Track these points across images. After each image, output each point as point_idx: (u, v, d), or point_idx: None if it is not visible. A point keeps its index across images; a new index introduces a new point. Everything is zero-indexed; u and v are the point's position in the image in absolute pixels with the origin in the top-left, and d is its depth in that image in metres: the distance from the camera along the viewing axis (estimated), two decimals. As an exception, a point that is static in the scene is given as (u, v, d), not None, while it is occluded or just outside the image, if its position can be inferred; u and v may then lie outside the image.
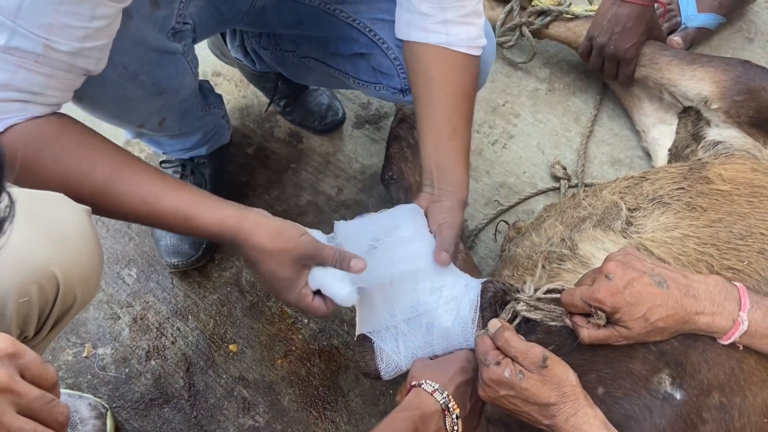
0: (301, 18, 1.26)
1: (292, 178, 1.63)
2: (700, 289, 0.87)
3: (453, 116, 1.11)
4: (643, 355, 0.89)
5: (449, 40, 1.10)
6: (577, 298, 0.90)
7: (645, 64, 1.53)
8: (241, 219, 0.96)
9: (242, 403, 1.36)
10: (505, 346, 0.89)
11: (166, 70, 1.10)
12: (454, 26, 1.10)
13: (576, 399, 0.85)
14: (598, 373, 0.91)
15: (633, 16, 1.51)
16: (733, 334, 0.87)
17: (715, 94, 1.34)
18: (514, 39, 1.74)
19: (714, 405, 0.87)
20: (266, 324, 1.44)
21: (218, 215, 0.95)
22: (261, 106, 1.73)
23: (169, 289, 1.49)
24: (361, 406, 1.36)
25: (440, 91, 1.11)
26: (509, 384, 0.87)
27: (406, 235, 1.10)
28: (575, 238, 1.08)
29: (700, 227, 1.03)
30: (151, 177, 0.95)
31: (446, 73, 1.12)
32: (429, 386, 0.92)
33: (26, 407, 0.58)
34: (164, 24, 1.05)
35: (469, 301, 1.03)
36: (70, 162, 0.90)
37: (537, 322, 0.98)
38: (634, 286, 0.86)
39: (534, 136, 1.69)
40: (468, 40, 1.12)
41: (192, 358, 1.41)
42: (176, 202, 0.94)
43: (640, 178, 1.18)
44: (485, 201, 1.59)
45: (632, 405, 0.88)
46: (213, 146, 1.46)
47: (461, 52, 1.11)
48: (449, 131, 1.11)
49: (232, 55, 1.52)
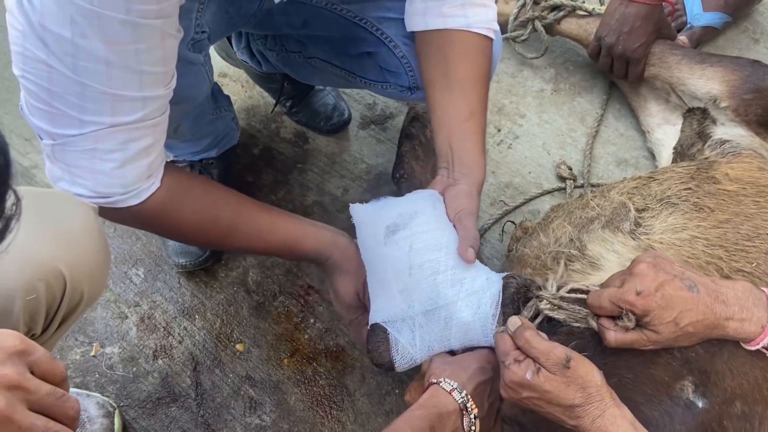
0: (308, 19, 1.26)
1: (298, 178, 1.63)
2: (729, 295, 0.85)
3: (471, 98, 1.10)
4: (666, 361, 0.88)
5: (468, 23, 1.10)
6: (606, 300, 0.87)
7: (654, 63, 1.53)
8: (335, 237, 1.13)
9: (249, 402, 1.37)
10: (526, 346, 0.86)
11: (186, 80, 1.10)
12: (472, 8, 1.10)
13: (602, 399, 0.82)
14: (619, 378, 0.89)
15: (640, 16, 1.52)
16: (761, 340, 0.85)
17: (724, 92, 1.34)
18: (526, 33, 1.74)
19: (736, 414, 0.85)
20: (273, 323, 1.45)
21: (319, 241, 1.12)
22: (267, 107, 1.74)
23: (176, 288, 1.49)
24: (368, 405, 1.36)
25: (458, 73, 1.11)
26: (531, 386, 0.84)
27: (426, 223, 1.05)
28: (584, 239, 1.07)
29: (708, 228, 1.03)
30: (262, 213, 1.10)
31: (465, 56, 1.11)
32: (448, 385, 0.91)
33: (37, 403, 0.59)
34: (185, 35, 1.06)
35: (491, 295, 0.99)
36: (203, 212, 1.03)
37: (560, 322, 0.94)
38: (665, 289, 0.84)
39: (539, 136, 1.69)
40: (486, 21, 1.11)
41: (199, 358, 1.41)
42: (285, 234, 1.10)
43: (648, 178, 1.18)
44: (491, 201, 1.59)
45: (653, 411, 0.86)
46: (223, 148, 1.47)
47: (480, 34, 1.11)
48: (467, 113, 1.10)
49: (238, 57, 1.53)
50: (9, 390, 0.56)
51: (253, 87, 1.75)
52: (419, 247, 1.02)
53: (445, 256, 1.02)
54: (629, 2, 1.52)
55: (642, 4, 1.51)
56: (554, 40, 1.77)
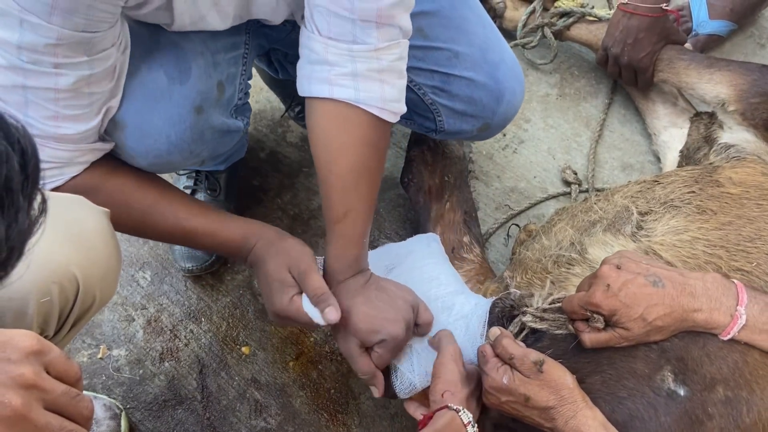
0: None
1: (304, 182, 1.64)
2: (698, 287, 0.88)
3: (349, 197, 0.98)
4: (645, 354, 0.90)
5: (358, 97, 0.94)
6: (576, 305, 0.92)
7: (663, 69, 1.54)
8: (263, 227, 1.06)
9: (254, 405, 1.37)
10: (502, 353, 0.93)
11: (224, 141, 1.14)
12: (366, 81, 0.94)
13: (574, 401, 0.86)
14: (602, 375, 0.92)
15: (643, 28, 1.52)
16: (731, 329, 0.87)
17: (732, 96, 1.35)
18: (536, 40, 1.75)
19: (719, 400, 0.87)
20: (278, 327, 1.46)
21: (241, 228, 1.05)
22: (273, 111, 1.75)
23: (183, 291, 1.51)
24: (372, 409, 1.37)
25: (337, 167, 0.97)
26: (508, 390, 0.90)
27: (420, 259, 1.14)
28: (585, 242, 1.08)
29: (710, 230, 1.03)
30: (182, 204, 1.05)
31: (349, 141, 0.96)
32: (466, 417, 0.91)
33: (52, 402, 0.59)
34: (228, 105, 1.08)
35: (478, 317, 1.07)
36: (116, 196, 1.00)
37: (543, 331, 1.00)
38: (628, 288, 0.87)
39: (545, 140, 1.70)
40: (381, 101, 0.95)
41: (205, 360, 1.42)
42: (204, 222, 1.04)
43: (653, 181, 1.19)
44: (496, 205, 1.60)
45: (636, 404, 0.88)
46: (230, 162, 1.49)
47: (371, 114, 0.95)
48: (340, 213, 0.99)
49: (256, 62, 1.53)
50: (25, 389, 0.57)
51: (260, 92, 1.76)
52: (414, 281, 1.10)
53: (436, 288, 1.11)
54: (632, 14, 1.52)
55: (644, 16, 1.51)
56: (560, 44, 1.77)
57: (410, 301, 1.04)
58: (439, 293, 1.10)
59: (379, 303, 1.01)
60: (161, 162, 1.04)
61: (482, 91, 1.17)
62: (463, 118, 1.21)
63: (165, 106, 1.00)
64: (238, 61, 1.09)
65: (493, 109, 1.20)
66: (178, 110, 1.01)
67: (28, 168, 0.48)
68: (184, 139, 1.03)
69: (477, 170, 1.65)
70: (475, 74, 1.16)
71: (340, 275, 1.03)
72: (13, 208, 0.46)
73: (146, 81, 0.99)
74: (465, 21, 1.16)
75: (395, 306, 1.02)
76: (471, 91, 1.17)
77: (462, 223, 1.41)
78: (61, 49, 0.83)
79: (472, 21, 1.17)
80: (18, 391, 0.57)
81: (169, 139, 1.02)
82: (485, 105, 1.19)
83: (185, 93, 1.01)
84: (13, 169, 0.46)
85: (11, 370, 0.58)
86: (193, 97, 1.02)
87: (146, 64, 1.00)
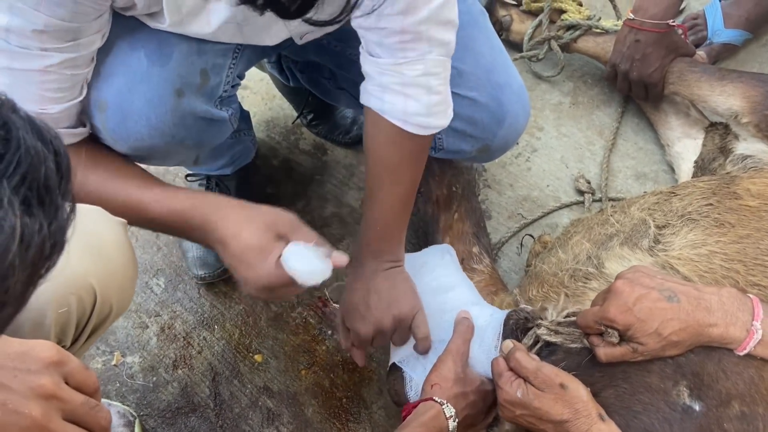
0: (341, 63, 1.26)
1: (317, 189, 1.65)
2: (713, 301, 0.88)
3: (376, 185, 1.07)
4: (660, 369, 0.90)
5: (383, 108, 1.01)
6: (590, 319, 0.92)
7: (674, 82, 1.53)
8: (220, 197, 0.98)
9: (266, 413, 1.38)
10: (516, 366, 0.93)
11: (211, 132, 1.13)
12: (391, 94, 0.99)
13: (588, 415, 0.86)
14: (617, 389, 0.92)
15: (650, 43, 1.50)
16: (747, 344, 0.86)
17: (745, 108, 1.34)
18: (543, 53, 1.74)
19: (735, 415, 0.86)
20: (290, 335, 1.46)
21: (195, 195, 0.99)
22: (286, 119, 1.76)
23: (196, 299, 1.51)
24: (384, 418, 1.36)
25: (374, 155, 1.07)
26: (522, 404, 0.90)
27: (434, 271, 1.15)
28: (602, 257, 1.08)
29: (728, 243, 1.02)
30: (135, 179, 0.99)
31: (386, 145, 1.04)
32: (449, 411, 0.96)
33: (71, 413, 0.60)
34: (212, 94, 1.07)
35: (493, 329, 1.07)
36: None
37: (557, 345, 1.00)
38: (643, 303, 0.87)
39: (558, 149, 1.69)
40: (403, 113, 1.00)
41: (218, 368, 1.42)
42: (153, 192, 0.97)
43: (670, 193, 1.18)
44: (508, 214, 1.60)
45: (651, 419, 0.88)
46: (237, 166, 1.49)
47: (393, 124, 1.01)
48: (366, 196, 1.10)
49: (268, 69, 1.54)
50: (45, 399, 0.58)
51: (273, 99, 1.77)
52: (427, 292, 1.12)
53: (451, 299, 1.12)
54: (638, 30, 1.51)
55: (651, 31, 1.50)
56: (570, 54, 1.77)
57: (400, 314, 1.07)
58: (454, 304, 1.11)
59: (368, 296, 1.08)
60: (143, 146, 1.03)
61: (484, 112, 1.16)
62: (462, 138, 1.19)
63: (145, 87, 1.00)
64: (227, 54, 1.08)
65: (493, 132, 1.18)
66: (158, 92, 1.00)
67: (62, 167, 0.49)
68: (165, 122, 1.01)
69: (490, 179, 1.65)
70: (478, 94, 1.15)
71: (359, 254, 1.10)
72: (52, 206, 0.48)
73: (128, 62, 0.99)
74: (473, 41, 1.15)
75: (379, 308, 1.08)
76: (472, 111, 1.15)
77: (471, 233, 1.41)
78: (47, 36, 0.86)
79: (479, 41, 1.17)
80: (38, 401, 0.58)
81: (149, 121, 1.00)
82: (486, 126, 1.18)
83: (165, 75, 1.00)
84: (49, 168, 0.48)
85: (31, 381, 0.59)
86: (173, 80, 1.00)
87: (129, 44, 0.99)
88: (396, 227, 1.10)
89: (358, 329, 1.11)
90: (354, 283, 1.12)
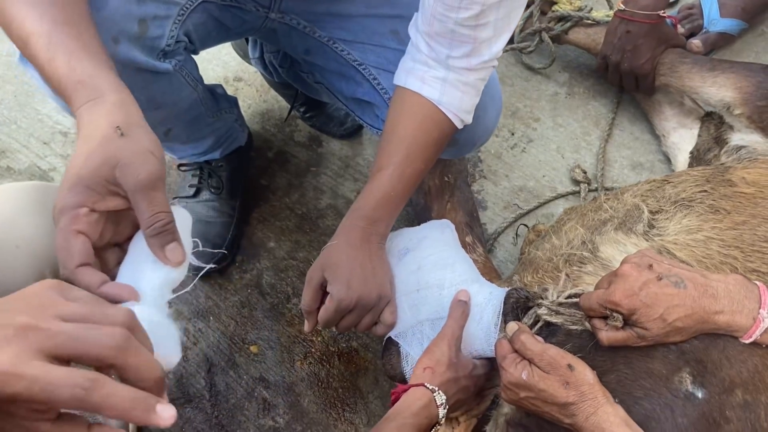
0: (309, 48, 1.25)
1: (312, 181, 1.64)
2: (720, 288, 0.87)
3: (394, 157, 1.09)
4: (663, 355, 0.89)
5: (441, 99, 1.07)
6: (594, 302, 0.91)
7: (665, 73, 1.52)
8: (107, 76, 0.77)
9: (263, 403, 1.37)
10: (521, 348, 0.91)
11: (159, 86, 1.10)
12: (451, 88, 1.07)
13: (595, 398, 0.85)
14: (618, 374, 0.91)
15: (641, 34, 1.50)
16: (754, 332, 0.86)
17: (737, 99, 1.33)
18: (533, 44, 1.74)
19: (738, 403, 0.85)
20: (286, 326, 1.45)
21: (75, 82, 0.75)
22: (281, 111, 1.75)
23: (191, 290, 1.51)
24: (380, 408, 1.36)
25: (401, 127, 1.09)
26: (527, 386, 0.88)
27: (433, 246, 1.13)
28: (596, 241, 1.07)
29: (724, 230, 1.02)
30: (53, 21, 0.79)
31: (420, 122, 1.08)
32: (440, 398, 0.95)
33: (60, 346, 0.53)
34: (153, 46, 1.04)
35: (493, 307, 1.05)
36: None
37: (558, 325, 0.98)
38: (650, 287, 0.86)
39: (554, 139, 1.69)
40: (458, 108, 1.08)
41: (213, 359, 1.42)
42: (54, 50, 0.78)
43: (663, 181, 1.17)
44: (504, 204, 1.59)
45: (653, 405, 0.87)
46: (227, 150, 1.48)
47: (445, 115, 1.08)
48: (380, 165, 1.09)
49: (253, 64, 1.54)
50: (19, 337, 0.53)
51: (268, 91, 1.77)
52: (427, 266, 1.10)
53: (450, 274, 1.10)
54: (629, 21, 1.50)
55: (642, 23, 1.49)
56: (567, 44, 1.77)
57: (381, 295, 1.06)
58: (453, 280, 1.09)
59: (355, 265, 1.04)
60: None
61: None
62: None
63: None
64: (172, 8, 1.04)
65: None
66: None
67: None
68: None
69: (485, 169, 1.65)
70: None
71: (350, 218, 1.07)
72: None
73: None
74: None
75: (366, 281, 1.04)
76: None
77: (464, 223, 1.40)
78: None
79: None
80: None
81: None
82: None
83: (99, 21, 0.91)
84: None
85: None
86: (108, 26, 0.97)
87: None
88: (394, 202, 1.09)
89: (341, 295, 1.02)
90: (342, 246, 1.06)
